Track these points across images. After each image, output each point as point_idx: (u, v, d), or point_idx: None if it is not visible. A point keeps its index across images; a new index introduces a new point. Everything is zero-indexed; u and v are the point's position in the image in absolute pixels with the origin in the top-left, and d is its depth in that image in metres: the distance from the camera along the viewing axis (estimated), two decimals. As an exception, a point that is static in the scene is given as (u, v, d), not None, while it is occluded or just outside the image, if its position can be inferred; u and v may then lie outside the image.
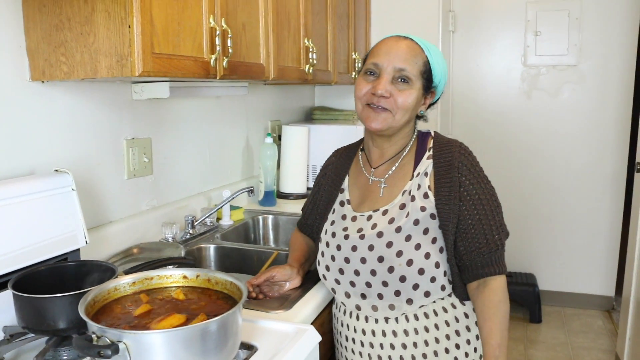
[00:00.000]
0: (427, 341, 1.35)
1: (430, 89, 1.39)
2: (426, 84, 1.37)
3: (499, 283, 1.33)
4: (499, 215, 1.36)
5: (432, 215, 1.32)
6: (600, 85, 3.80)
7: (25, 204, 1.29)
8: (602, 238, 3.95)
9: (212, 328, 0.94)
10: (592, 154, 3.87)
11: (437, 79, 1.38)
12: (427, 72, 1.35)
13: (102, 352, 0.87)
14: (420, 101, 1.38)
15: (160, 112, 1.97)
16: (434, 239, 1.32)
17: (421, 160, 1.39)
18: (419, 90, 1.35)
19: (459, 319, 1.37)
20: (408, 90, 1.33)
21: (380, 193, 1.40)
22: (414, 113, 1.38)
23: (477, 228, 1.31)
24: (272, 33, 1.91)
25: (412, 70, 1.33)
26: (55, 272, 1.26)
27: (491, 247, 1.32)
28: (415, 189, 1.35)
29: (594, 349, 3.42)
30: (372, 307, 1.36)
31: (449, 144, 1.39)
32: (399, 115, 1.34)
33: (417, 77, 1.34)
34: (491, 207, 1.34)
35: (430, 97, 1.42)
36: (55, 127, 1.53)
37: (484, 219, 1.32)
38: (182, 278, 1.17)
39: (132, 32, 1.26)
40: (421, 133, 1.46)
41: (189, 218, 1.99)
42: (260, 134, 2.75)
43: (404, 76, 1.32)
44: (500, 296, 1.32)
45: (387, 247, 1.31)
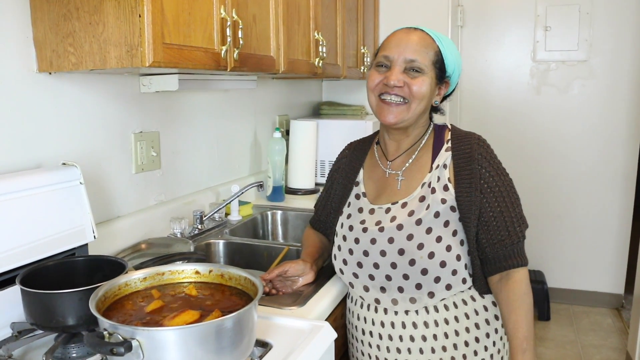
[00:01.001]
0: (447, 333, 1.34)
1: (444, 79, 1.38)
2: (439, 74, 1.36)
3: (522, 275, 1.32)
4: (519, 207, 1.35)
5: (452, 207, 1.31)
6: (610, 81, 3.75)
7: (33, 197, 1.26)
8: (611, 235, 3.91)
9: (228, 325, 0.91)
10: (602, 151, 3.83)
11: (450, 68, 1.37)
12: (439, 62, 1.35)
13: (114, 349, 0.84)
14: (434, 90, 1.37)
15: (169, 106, 1.94)
16: (454, 232, 1.31)
17: (439, 152, 1.37)
18: (432, 79, 1.34)
19: (479, 312, 1.36)
20: (421, 78, 1.32)
21: (398, 186, 1.39)
22: (429, 102, 1.37)
23: (498, 220, 1.31)
24: (282, 25, 1.88)
25: (423, 61, 1.32)
26: (63, 268, 1.23)
27: (513, 238, 1.31)
28: (435, 181, 1.33)
29: (604, 347, 3.39)
30: (392, 300, 1.34)
31: (467, 137, 1.38)
32: (415, 104, 1.33)
33: (429, 66, 1.33)
34: (511, 199, 1.33)
35: (445, 88, 1.41)
36: (62, 119, 1.50)
37: (505, 211, 1.31)
38: (195, 273, 1.14)
39: (143, 22, 1.23)
40: (437, 126, 1.45)
41: (198, 213, 1.96)
42: (268, 128, 2.72)
43: (415, 67, 1.32)
44: (524, 288, 1.31)
45: (407, 240, 1.29)
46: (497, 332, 1.38)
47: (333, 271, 1.55)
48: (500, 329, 1.39)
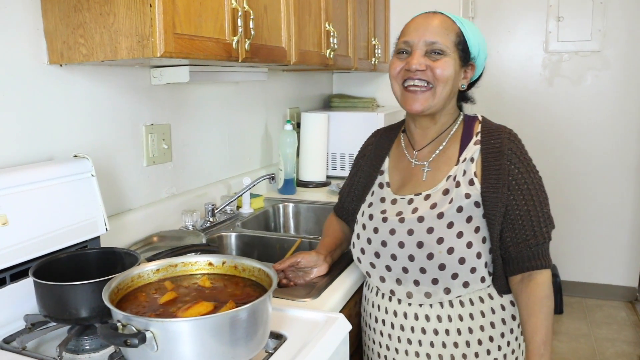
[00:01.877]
0: (460, 329, 1.31)
1: (468, 61, 1.33)
2: (463, 55, 1.31)
3: (544, 277, 1.27)
4: (547, 206, 1.29)
5: (476, 203, 1.26)
6: (624, 71, 3.70)
7: (45, 190, 1.26)
8: (625, 228, 3.86)
9: (242, 316, 0.90)
10: (616, 142, 3.78)
11: (474, 49, 1.32)
12: (462, 43, 1.30)
13: (128, 341, 0.83)
14: (459, 73, 1.32)
15: (179, 98, 1.93)
16: (477, 228, 1.26)
17: (467, 145, 1.33)
18: (455, 60, 1.29)
19: (495, 310, 1.32)
20: (444, 60, 1.27)
21: (424, 177, 1.35)
22: (454, 86, 1.32)
23: (525, 219, 1.26)
24: (293, 16, 1.86)
25: (445, 42, 1.27)
26: (76, 260, 1.23)
27: (538, 239, 1.26)
28: (461, 175, 1.29)
29: (618, 340, 3.36)
30: (407, 293, 1.32)
31: (499, 130, 1.33)
32: (440, 88, 1.28)
33: (452, 48, 1.28)
34: (539, 198, 1.28)
35: (471, 71, 1.35)
36: (73, 112, 1.49)
37: (532, 210, 1.26)
38: (208, 265, 1.13)
39: (154, 12, 1.22)
40: (467, 117, 1.40)
41: (209, 206, 1.95)
42: (279, 121, 2.70)
43: (436, 49, 1.27)
44: (546, 291, 1.26)
45: (427, 233, 1.26)
46: (513, 332, 1.34)
47: (347, 263, 1.54)
48: (516, 329, 1.35)
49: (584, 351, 3.24)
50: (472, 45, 1.31)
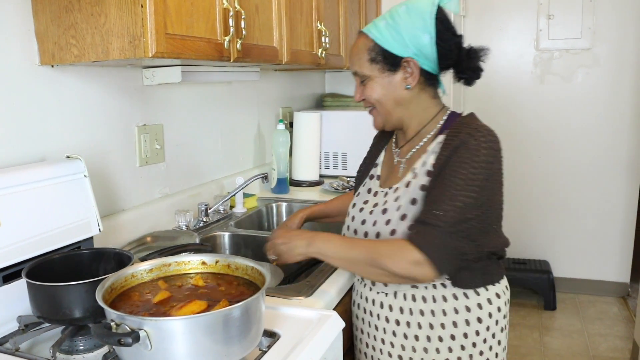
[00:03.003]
0: (420, 324, 1.32)
1: (399, 64, 1.29)
2: (386, 64, 1.30)
3: (408, 247, 1.19)
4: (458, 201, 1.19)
5: None
6: (615, 68, 3.73)
7: (37, 190, 1.26)
8: (616, 224, 3.89)
9: (235, 314, 0.91)
10: (607, 139, 3.81)
11: (399, 48, 1.27)
12: (379, 54, 1.30)
13: (122, 340, 0.84)
14: (392, 82, 1.31)
15: (172, 98, 1.93)
16: None
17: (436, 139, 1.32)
18: (379, 77, 1.32)
19: (459, 311, 1.30)
20: (369, 84, 1.34)
21: (399, 173, 1.38)
22: (395, 96, 1.32)
23: (427, 198, 1.24)
24: (284, 15, 1.87)
25: (361, 68, 1.33)
26: (69, 261, 1.23)
27: (421, 218, 1.21)
28: (420, 167, 1.30)
29: (610, 335, 3.38)
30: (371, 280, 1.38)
31: (467, 126, 1.27)
32: (379, 108, 1.35)
33: (370, 68, 1.32)
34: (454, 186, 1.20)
35: (414, 67, 1.29)
36: (65, 113, 1.49)
37: (437, 192, 1.21)
38: (201, 264, 1.13)
39: (145, 12, 1.22)
40: (452, 115, 1.37)
41: (202, 206, 1.95)
42: (272, 120, 2.71)
43: (360, 77, 1.35)
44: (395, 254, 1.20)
45: (385, 225, 1.30)
46: (478, 334, 1.31)
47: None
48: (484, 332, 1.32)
49: (577, 347, 3.26)
50: (393, 47, 1.28)
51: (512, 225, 4.03)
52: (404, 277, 1.21)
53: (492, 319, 1.33)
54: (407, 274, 1.19)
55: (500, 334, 1.36)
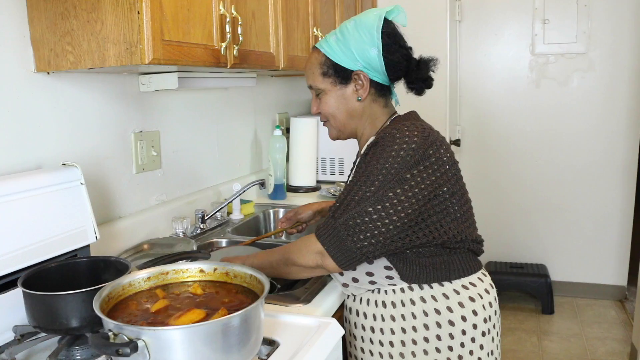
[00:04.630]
0: (392, 329, 1.32)
1: (350, 77, 1.36)
2: (337, 77, 1.36)
3: (308, 243, 1.27)
4: (356, 195, 1.23)
5: None
6: (610, 72, 3.74)
7: (33, 199, 1.25)
8: (613, 227, 3.90)
9: (235, 323, 0.90)
10: (603, 143, 3.82)
11: (348, 62, 1.34)
12: (330, 68, 1.36)
13: (120, 350, 0.83)
14: (344, 95, 1.38)
15: (168, 105, 1.92)
16: None
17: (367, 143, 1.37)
18: (331, 91, 1.38)
19: (428, 314, 1.29)
20: (323, 98, 1.40)
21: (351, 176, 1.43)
22: (347, 108, 1.39)
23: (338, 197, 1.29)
24: (281, 21, 1.87)
25: (314, 82, 1.39)
26: (65, 269, 1.21)
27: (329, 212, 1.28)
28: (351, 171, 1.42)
29: (608, 339, 3.38)
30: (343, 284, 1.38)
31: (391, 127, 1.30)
32: (332, 120, 1.42)
33: (321, 82, 1.38)
34: (354, 181, 1.26)
35: (364, 79, 1.35)
36: (61, 120, 1.48)
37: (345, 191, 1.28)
38: (199, 272, 1.12)
39: (142, 19, 1.21)
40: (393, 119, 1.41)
41: (200, 212, 1.94)
42: (268, 126, 2.70)
43: (315, 90, 1.41)
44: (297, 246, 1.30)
45: None
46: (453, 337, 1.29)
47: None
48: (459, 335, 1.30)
49: (575, 350, 3.25)
50: (343, 60, 1.34)
51: (509, 230, 4.03)
52: (314, 267, 1.28)
53: (467, 322, 1.30)
54: (315, 264, 1.27)
55: (482, 338, 1.32)
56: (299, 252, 1.29)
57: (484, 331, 1.33)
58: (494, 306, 1.37)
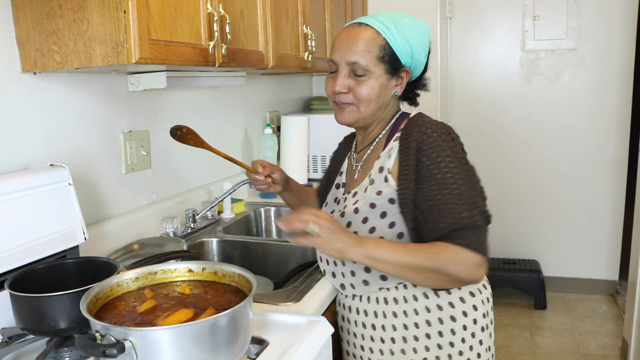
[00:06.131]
0: (394, 326, 1.32)
1: (399, 70, 1.33)
2: (390, 67, 1.31)
3: (467, 255, 1.18)
4: (470, 193, 1.22)
5: (390, 199, 1.27)
6: (600, 68, 3.76)
7: (21, 200, 1.24)
8: (604, 222, 3.92)
9: (223, 322, 0.90)
10: (594, 138, 3.83)
11: (405, 56, 1.31)
12: (388, 55, 1.29)
13: (107, 351, 0.82)
14: (387, 86, 1.33)
15: (157, 104, 1.91)
16: (391, 224, 1.27)
17: (389, 142, 1.34)
18: (380, 77, 1.30)
19: (431, 310, 1.30)
20: (367, 82, 1.30)
21: (355, 176, 1.42)
22: (382, 100, 1.34)
23: (440, 209, 1.20)
24: (270, 20, 1.86)
25: (365, 61, 1.28)
26: (54, 270, 1.21)
27: (454, 226, 1.19)
28: (377, 172, 1.32)
29: (601, 333, 3.40)
30: (341, 285, 1.39)
31: (416, 123, 1.30)
32: (363, 107, 1.32)
33: (375, 64, 1.29)
34: (458, 186, 1.21)
35: (406, 75, 1.35)
36: (49, 120, 1.47)
37: (448, 199, 1.20)
38: (188, 272, 1.12)
39: (128, 18, 1.20)
40: (401, 115, 1.40)
41: (190, 212, 1.94)
42: (259, 125, 2.70)
43: (357, 70, 1.29)
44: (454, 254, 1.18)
45: (346, 227, 1.31)
46: (454, 333, 1.30)
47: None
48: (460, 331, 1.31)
49: (567, 345, 3.27)
50: (401, 53, 1.30)
51: (501, 226, 4.04)
52: (467, 281, 1.23)
53: (468, 317, 1.31)
54: (471, 277, 1.20)
55: (481, 333, 1.34)
56: (457, 264, 1.17)
57: (483, 326, 1.34)
58: (490, 301, 1.40)
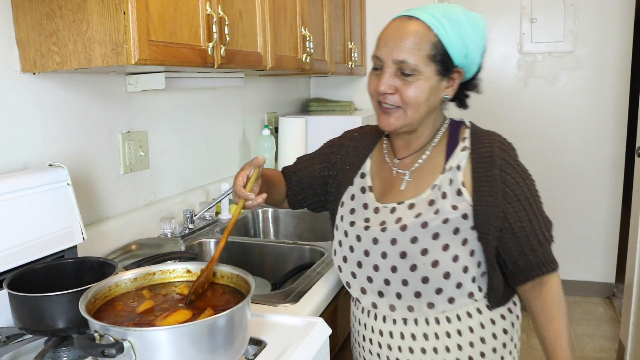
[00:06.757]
0: (448, 347, 1.23)
1: (451, 71, 1.20)
2: (442, 68, 1.18)
3: (555, 280, 1.24)
4: (542, 207, 1.24)
5: (464, 215, 1.17)
6: (597, 71, 3.77)
7: (20, 199, 1.24)
8: (601, 225, 3.93)
9: (221, 323, 0.90)
10: (591, 140, 3.85)
11: (458, 56, 1.18)
12: (439, 54, 1.16)
13: (106, 351, 0.83)
14: (437, 88, 1.20)
15: (156, 105, 1.92)
16: (464, 241, 1.18)
17: (454, 152, 1.24)
18: (431, 79, 1.17)
19: (485, 325, 1.23)
20: (415, 83, 1.16)
21: (402, 186, 1.27)
22: (432, 103, 1.21)
23: (528, 228, 1.20)
24: (269, 21, 1.86)
25: (415, 60, 1.15)
26: (52, 270, 1.21)
27: (544, 245, 1.22)
28: (447, 185, 1.20)
29: (597, 335, 3.41)
30: (390, 306, 1.24)
31: (489, 137, 1.24)
32: (410, 111, 1.19)
33: (426, 63, 1.15)
34: (536, 203, 1.22)
35: (458, 77, 1.22)
36: (48, 120, 1.48)
37: (534, 218, 1.20)
38: (186, 272, 1.13)
39: (128, 19, 1.21)
40: (453, 122, 1.31)
41: (188, 213, 1.94)
42: (257, 126, 2.70)
43: (405, 69, 1.16)
44: (560, 293, 1.24)
45: (411, 243, 1.18)
46: (506, 346, 1.27)
47: (326, 267, 1.55)
48: (509, 342, 1.28)
49: (563, 348, 3.27)
50: (455, 53, 1.17)
51: (498, 228, 4.04)
52: None
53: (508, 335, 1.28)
54: None
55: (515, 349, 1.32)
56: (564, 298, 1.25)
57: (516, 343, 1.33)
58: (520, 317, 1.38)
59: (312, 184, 1.44)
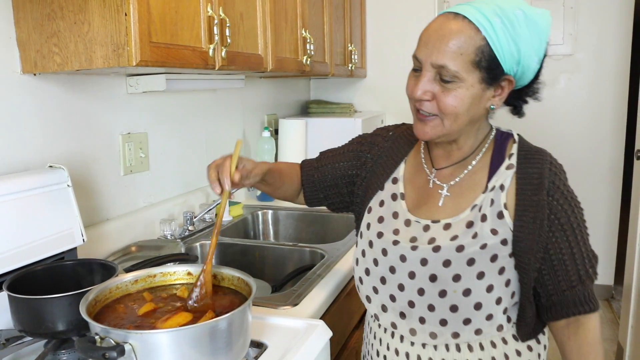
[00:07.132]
0: None
1: (499, 79, 1.05)
2: (488, 75, 1.03)
3: (594, 321, 1.13)
4: (588, 239, 1.13)
5: (503, 240, 1.07)
6: (596, 74, 3.77)
7: (20, 201, 1.24)
8: (600, 227, 3.92)
9: (222, 326, 0.90)
10: (590, 143, 3.85)
11: (508, 61, 1.03)
12: (486, 60, 1.02)
13: (107, 354, 0.82)
14: (482, 98, 1.06)
15: (156, 106, 1.91)
16: (501, 269, 1.07)
17: (498, 169, 1.12)
18: (473, 87, 1.03)
19: (509, 357, 1.13)
20: (455, 91, 1.03)
21: (440, 202, 1.15)
22: (474, 114, 1.08)
23: (570, 262, 1.09)
24: (269, 23, 1.87)
25: (456, 66, 1.01)
26: (52, 272, 1.20)
27: (585, 282, 1.10)
28: (488, 206, 1.09)
29: (596, 339, 3.40)
30: (411, 330, 1.14)
31: (539, 155, 1.12)
32: (448, 121, 1.06)
33: (468, 70, 1.02)
34: (583, 235, 1.11)
35: (508, 86, 1.08)
36: (48, 121, 1.47)
37: (577, 251, 1.09)
38: (187, 275, 1.12)
39: (129, 20, 1.21)
40: (500, 134, 1.18)
41: (188, 214, 1.94)
42: (257, 128, 2.70)
43: (445, 73, 1.02)
44: (598, 336, 1.13)
45: (443, 266, 1.07)
46: None
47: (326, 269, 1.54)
48: None
49: (562, 351, 3.27)
50: (504, 59, 1.02)
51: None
52: None
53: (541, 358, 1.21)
54: None
55: None
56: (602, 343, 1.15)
57: None
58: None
59: (337, 182, 1.32)
